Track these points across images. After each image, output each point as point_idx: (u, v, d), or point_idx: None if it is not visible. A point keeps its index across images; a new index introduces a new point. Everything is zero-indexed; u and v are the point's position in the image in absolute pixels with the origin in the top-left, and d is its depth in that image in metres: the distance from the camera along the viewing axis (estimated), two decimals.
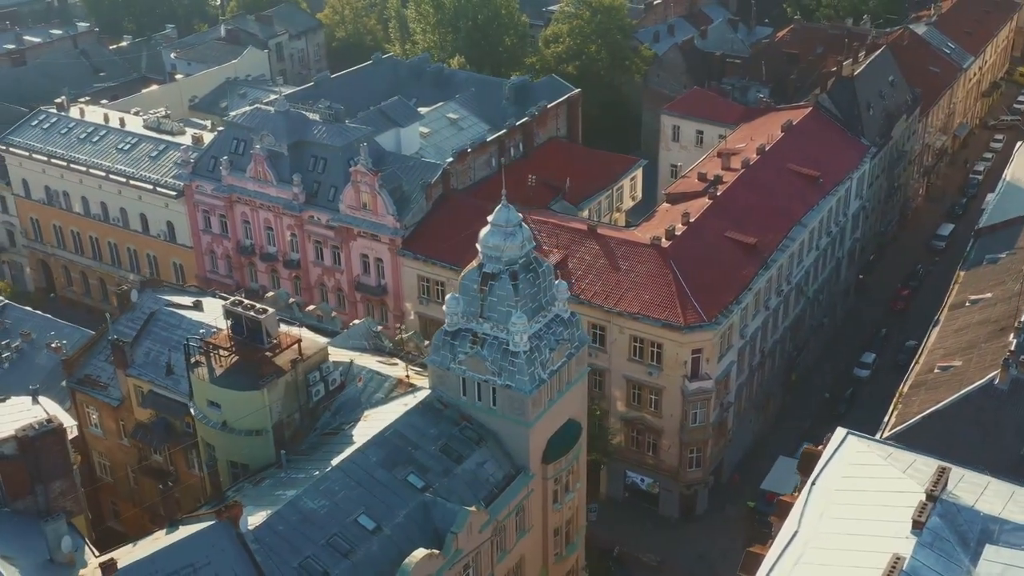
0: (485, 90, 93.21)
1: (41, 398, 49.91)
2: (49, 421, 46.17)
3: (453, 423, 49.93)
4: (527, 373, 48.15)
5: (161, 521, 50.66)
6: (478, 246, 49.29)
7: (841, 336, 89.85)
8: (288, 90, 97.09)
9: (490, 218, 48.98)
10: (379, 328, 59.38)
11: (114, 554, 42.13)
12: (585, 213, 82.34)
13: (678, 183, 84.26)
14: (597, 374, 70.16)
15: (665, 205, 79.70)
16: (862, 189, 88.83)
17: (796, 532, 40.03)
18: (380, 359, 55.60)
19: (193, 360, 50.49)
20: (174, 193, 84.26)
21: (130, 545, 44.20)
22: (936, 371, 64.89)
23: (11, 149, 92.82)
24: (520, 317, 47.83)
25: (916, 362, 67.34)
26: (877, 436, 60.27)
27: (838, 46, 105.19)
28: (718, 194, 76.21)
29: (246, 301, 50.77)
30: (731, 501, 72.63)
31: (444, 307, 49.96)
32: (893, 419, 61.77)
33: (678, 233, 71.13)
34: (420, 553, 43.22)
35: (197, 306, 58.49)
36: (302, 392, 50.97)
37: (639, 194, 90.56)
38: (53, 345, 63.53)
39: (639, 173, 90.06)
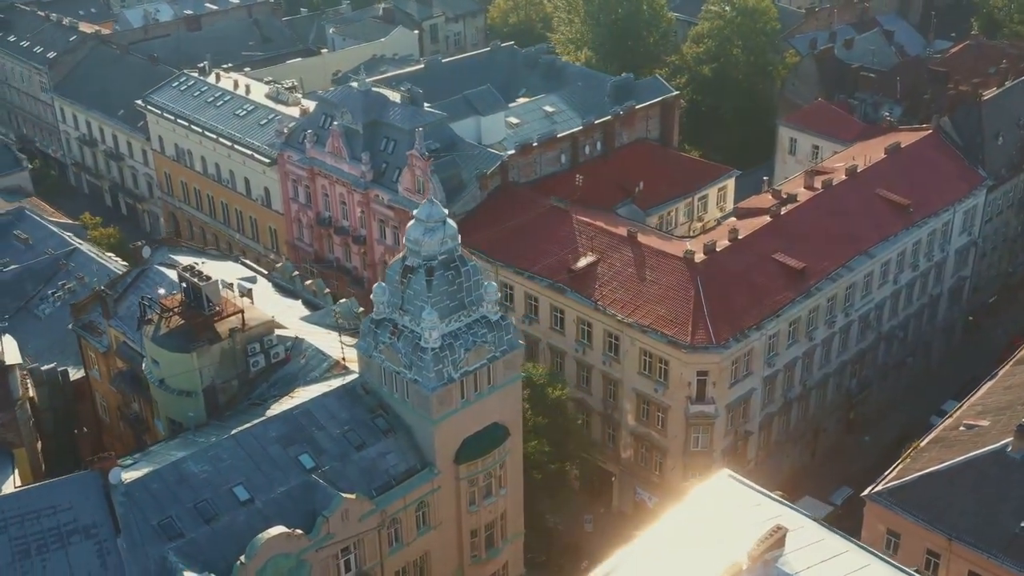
0: (592, 86, 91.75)
1: (5, 337, 53.99)
2: None
3: (368, 410, 50.28)
4: (433, 370, 47.85)
5: None
6: (403, 239, 49.43)
7: (930, 379, 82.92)
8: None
9: (415, 212, 48.96)
10: (361, 309, 60.22)
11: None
12: (654, 220, 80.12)
13: (753, 198, 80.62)
14: (611, 383, 68.66)
15: (732, 219, 76.41)
16: (972, 223, 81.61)
17: (610, 572, 38.20)
18: (345, 340, 56.50)
19: (147, 318, 53.32)
20: (268, 160, 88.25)
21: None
22: (960, 429, 59.64)
23: (149, 107, 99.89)
24: (431, 314, 47.57)
25: (949, 416, 62.12)
26: (869, 489, 56.45)
27: (1015, 67, 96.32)
28: (781, 213, 72.42)
29: (196, 267, 53.00)
30: None
31: (372, 296, 50.43)
32: (895, 473, 57.42)
33: (718, 249, 68.14)
34: (276, 530, 44.00)
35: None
36: (240, 361, 52.75)
37: (729, 205, 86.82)
38: (95, 290, 68.43)
39: (730, 183, 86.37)
